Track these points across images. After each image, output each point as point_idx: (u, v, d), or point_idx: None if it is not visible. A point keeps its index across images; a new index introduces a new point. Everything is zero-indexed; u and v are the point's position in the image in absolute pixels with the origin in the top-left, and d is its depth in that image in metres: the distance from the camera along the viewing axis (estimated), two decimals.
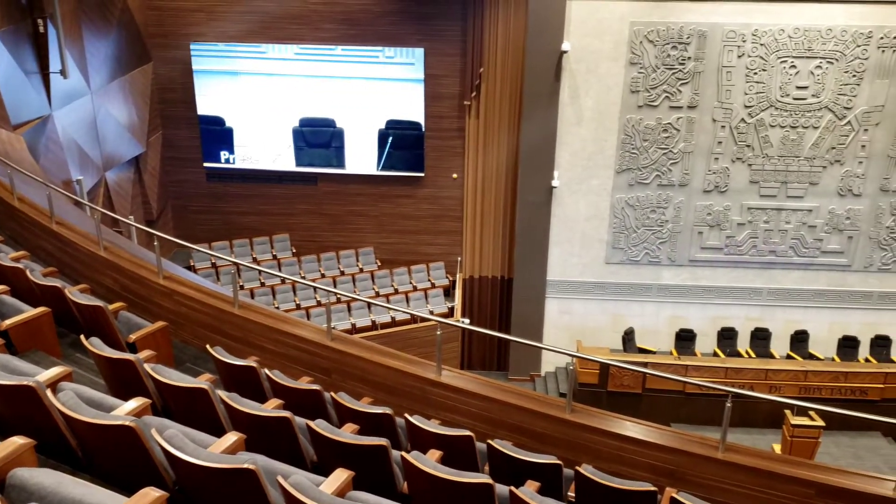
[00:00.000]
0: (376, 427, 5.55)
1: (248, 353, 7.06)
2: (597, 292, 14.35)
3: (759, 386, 12.63)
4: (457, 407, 6.48)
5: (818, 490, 5.87)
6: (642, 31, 12.60)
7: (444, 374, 6.62)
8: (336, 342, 6.94)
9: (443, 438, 5.35)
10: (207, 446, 4.00)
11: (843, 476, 6.12)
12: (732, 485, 5.98)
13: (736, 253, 13.88)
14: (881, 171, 13.22)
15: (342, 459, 4.57)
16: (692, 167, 13.39)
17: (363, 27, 13.63)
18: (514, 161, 13.99)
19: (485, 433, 6.21)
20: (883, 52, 12.51)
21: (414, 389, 6.66)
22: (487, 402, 6.39)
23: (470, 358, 15.29)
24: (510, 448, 5.32)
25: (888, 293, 13.97)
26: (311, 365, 7.00)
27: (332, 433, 4.68)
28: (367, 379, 6.80)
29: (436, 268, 14.96)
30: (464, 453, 5.38)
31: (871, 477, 6.25)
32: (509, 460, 5.24)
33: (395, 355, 6.93)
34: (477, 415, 6.45)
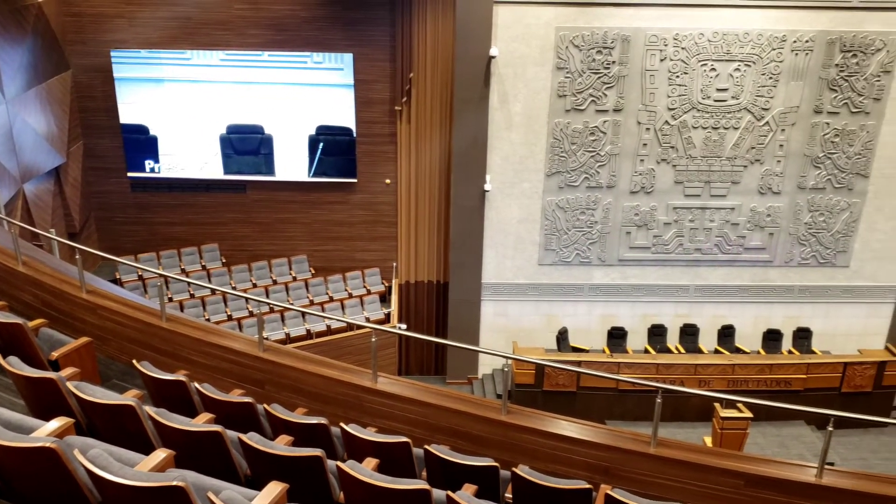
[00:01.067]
0: (311, 437, 5.49)
1: (177, 367, 6.89)
2: (531, 293, 14.51)
3: (689, 381, 12.99)
4: (393, 413, 6.47)
5: (746, 480, 6.06)
6: (568, 36, 12.82)
7: (379, 380, 6.60)
8: (268, 353, 6.84)
9: (379, 446, 5.32)
10: (135, 465, 3.88)
11: (769, 465, 6.34)
12: (665, 479, 6.13)
13: (663, 252, 14.24)
14: (798, 170, 13.76)
15: (276, 472, 4.50)
16: (619, 169, 13.68)
17: (290, 33, 13.49)
18: (446, 165, 14.05)
19: (422, 439, 6.20)
20: (796, 54, 13.03)
21: (349, 398, 6.61)
22: (424, 408, 6.39)
23: (408, 363, 15.27)
24: (447, 452, 5.33)
25: (808, 287, 14.54)
26: (244, 377, 6.88)
27: (265, 446, 4.60)
28: (302, 389, 6.72)
29: (371, 274, 14.89)
30: (401, 460, 5.36)
31: (794, 465, 6.50)
32: (446, 465, 5.24)
33: (329, 364, 6.87)
34: (414, 420, 6.45)
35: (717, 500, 5.97)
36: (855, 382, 13.30)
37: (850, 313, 14.72)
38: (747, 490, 6.05)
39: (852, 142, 13.56)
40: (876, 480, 6.29)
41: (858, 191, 13.90)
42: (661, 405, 6.21)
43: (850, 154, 13.64)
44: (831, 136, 13.51)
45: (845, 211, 14.02)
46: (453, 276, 14.30)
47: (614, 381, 12.84)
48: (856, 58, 13.05)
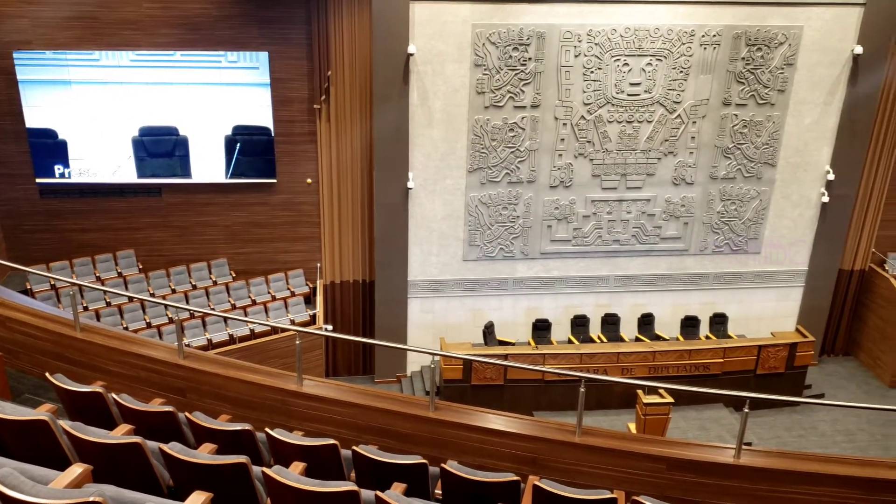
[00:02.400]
0: (236, 444, 5.37)
1: (93, 378, 6.65)
2: (456, 289, 14.59)
3: (612, 369, 13.30)
4: (320, 416, 6.41)
5: (668, 464, 6.25)
6: (484, 33, 12.92)
7: (305, 383, 6.52)
8: (189, 360, 6.67)
9: (306, 449, 5.25)
10: (49, 482, 3.72)
11: (689, 448, 6.56)
12: (591, 467, 6.26)
13: (583, 244, 14.53)
14: (710, 161, 14.24)
15: (200, 481, 4.38)
16: (539, 164, 13.88)
17: (203, 32, 13.15)
18: (368, 164, 13.97)
19: (350, 440, 6.16)
20: (705, 49, 13.48)
21: (275, 402, 6.51)
22: (351, 409, 6.35)
23: (335, 364, 15.14)
24: (375, 452, 5.30)
25: (722, 273, 15.08)
26: (164, 385, 6.69)
27: (188, 455, 4.48)
28: (225, 395, 6.58)
29: (295, 276, 14.68)
30: (329, 462, 5.31)
31: (713, 447, 6.75)
32: (375, 464, 5.22)
33: (253, 369, 6.76)
34: (341, 422, 6.40)
35: (640, 484, 6.14)
36: (769, 364, 13.88)
37: (762, 298, 15.34)
38: (669, 473, 6.24)
39: (760, 132, 14.12)
40: (789, 458, 6.60)
41: (767, 179, 14.50)
42: (585, 394, 6.34)
43: (758, 144, 14.21)
44: (740, 128, 14.04)
45: (755, 199, 14.60)
46: (379, 274, 14.25)
47: (540, 373, 13.06)
48: (760, 51, 13.59)
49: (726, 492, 6.13)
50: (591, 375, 6.64)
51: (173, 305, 7.70)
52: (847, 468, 6.19)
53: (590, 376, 6.54)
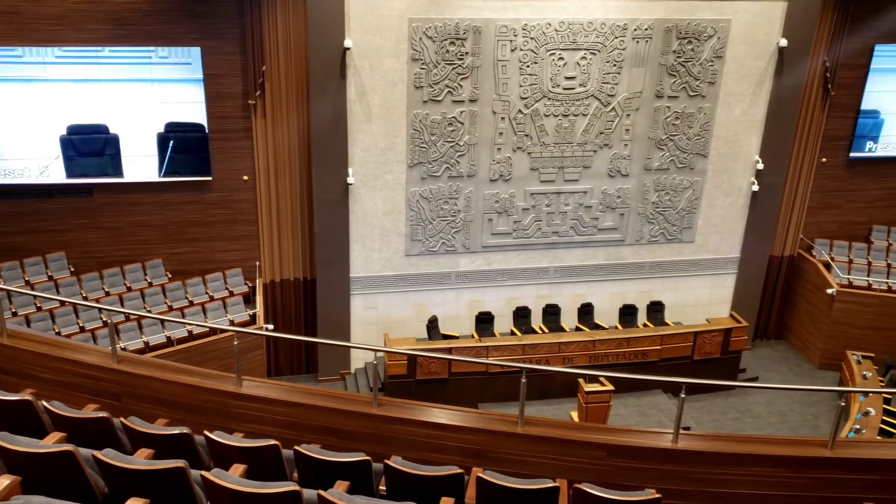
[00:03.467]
0: (174, 449, 5.26)
1: (22, 385, 6.43)
2: (399, 285, 14.56)
3: (553, 359, 13.48)
4: (261, 417, 6.32)
5: (609, 451, 6.36)
6: (421, 27, 12.90)
7: (245, 384, 6.42)
8: (123, 364, 6.50)
9: (247, 451, 5.18)
10: None
11: (629, 435, 6.69)
12: (533, 456, 6.33)
13: (523, 236, 14.66)
14: (644, 153, 14.52)
15: (136, 488, 4.29)
16: (478, 158, 13.94)
17: (132, 27, 12.77)
18: (306, 160, 13.81)
19: (292, 439, 6.09)
20: (637, 42, 13.72)
21: (214, 404, 6.40)
22: (292, 408, 6.29)
23: (277, 364, 14.95)
24: (317, 451, 5.26)
25: (658, 262, 15.42)
26: (98, 391, 6.51)
27: (123, 461, 4.37)
28: (162, 399, 6.44)
29: (233, 275, 14.42)
30: (270, 463, 5.25)
31: (652, 432, 6.89)
32: (317, 464, 5.18)
33: (191, 371, 6.63)
34: (283, 422, 6.33)
35: (582, 472, 6.23)
36: (705, 350, 14.26)
37: (697, 285, 15.74)
38: (610, 460, 6.35)
39: (691, 124, 14.46)
40: (725, 440, 6.79)
41: (699, 170, 14.86)
42: (528, 385, 6.41)
43: (690, 135, 14.55)
44: (672, 119, 14.36)
45: (688, 189, 14.95)
46: (320, 271, 14.12)
47: (484, 365, 13.16)
48: (691, 44, 13.91)
49: (665, 476, 6.27)
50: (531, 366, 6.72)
51: (106, 308, 7.47)
52: (779, 448, 6.40)
53: (530, 367, 6.61)
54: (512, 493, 5.08)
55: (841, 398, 6.74)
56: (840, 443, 6.44)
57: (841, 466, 6.27)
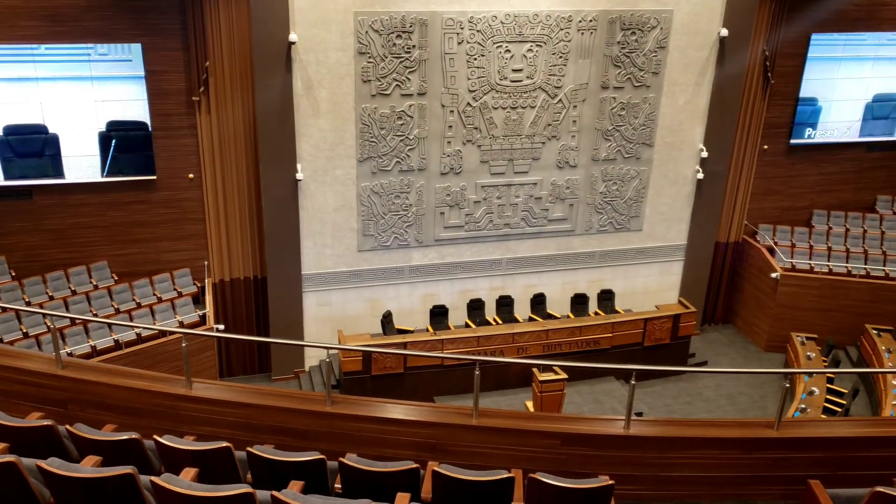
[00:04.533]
0: (122, 455, 5.15)
1: None
2: (353, 280, 14.48)
3: (508, 349, 13.57)
4: (213, 419, 6.23)
5: (563, 439, 6.43)
6: (367, 20, 12.81)
7: (195, 386, 6.32)
8: (69, 370, 6.34)
9: (198, 454, 5.09)
10: None
11: (581, 423, 6.77)
12: (488, 448, 6.36)
13: (475, 229, 14.71)
14: (591, 143, 14.68)
15: (83, 496, 4.19)
16: (428, 152, 13.93)
17: (70, 23, 12.40)
18: (254, 157, 13.63)
19: (245, 440, 6.00)
20: (582, 34, 13.85)
21: (164, 408, 6.28)
22: (245, 409, 6.21)
23: (229, 364, 14.74)
24: (271, 452, 5.20)
25: (607, 251, 15.62)
26: (42, 398, 6.34)
27: (68, 470, 4.25)
28: (110, 404, 6.30)
29: (181, 275, 14.16)
30: (223, 466, 5.17)
31: (605, 419, 7.00)
32: (271, 464, 5.12)
33: (139, 375, 6.50)
34: (236, 423, 6.25)
35: (537, 461, 6.29)
36: (655, 336, 14.52)
37: (645, 273, 16.01)
38: (564, 448, 6.42)
39: (637, 114, 14.66)
40: (675, 425, 6.93)
41: (645, 159, 15.09)
42: (483, 376, 6.44)
43: (636, 126, 14.76)
44: (618, 110, 14.54)
45: (635, 179, 15.17)
46: (271, 270, 13.96)
47: (439, 359, 13.18)
48: (634, 35, 14.09)
49: (618, 462, 6.37)
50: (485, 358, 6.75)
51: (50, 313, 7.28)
52: (727, 430, 6.55)
53: (484, 359, 6.65)
54: (468, 486, 5.10)
55: (786, 379, 6.92)
56: (786, 423, 6.62)
57: (787, 446, 6.45)
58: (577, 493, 5.08)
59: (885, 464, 6.40)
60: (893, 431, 6.61)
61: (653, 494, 6.49)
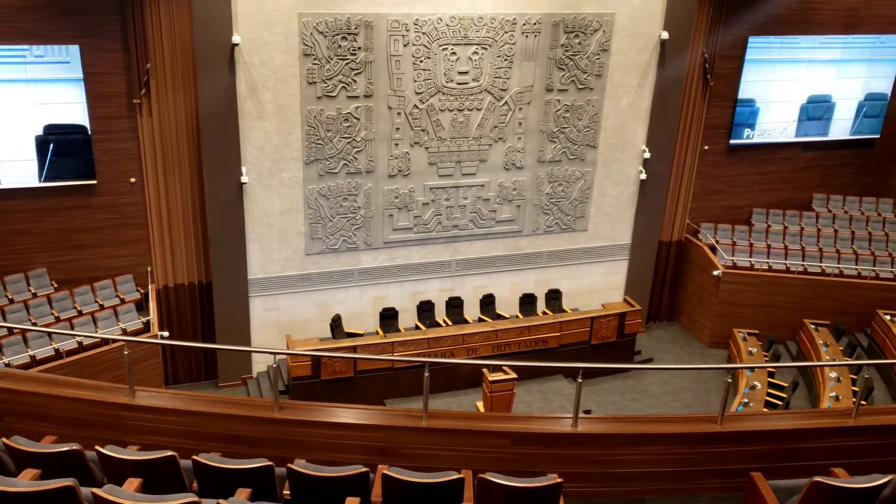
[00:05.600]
0: (63, 467, 5.01)
1: None
2: (301, 284, 14.34)
3: (458, 350, 13.60)
4: (157, 428, 6.11)
5: (512, 439, 6.47)
6: (311, 22, 12.72)
7: (138, 395, 6.19)
8: (5, 380, 6.15)
9: (142, 464, 4.99)
10: None
11: (531, 422, 6.84)
12: (438, 449, 6.37)
13: (424, 231, 14.72)
14: (537, 145, 14.83)
15: None
16: (376, 154, 13.89)
17: (2, 24, 12.01)
18: (197, 160, 13.40)
19: (191, 449, 5.89)
20: (527, 37, 13.98)
21: (106, 418, 6.14)
22: (190, 417, 6.10)
23: (175, 372, 14.47)
24: (217, 460, 5.13)
25: (554, 251, 15.80)
26: None
27: (5, 484, 4.13)
28: (49, 415, 6.12)
29: (124, 281, 13.85)
30: (167, 475, 5.08)
31: (553, 418, 7.07)
32: (217, 472, 5.05)
33: (79, 384, 6.33)
34: (181, 432, 6.14)
35: (487, 461, 6.32)
36: (602, 334, 14.73)
37: (592, 272, 16.23)
38: (514, 448, 6.47)
39: (581, 116, 14.87)
40: (621, 422, 7.05)
41: (589, 160, 15.31)
42: (433, 378, 6.45)
43: (580, 127, 14.96)
44: (563, 112, 14.72)
45: (580, 180, 15.38)
46: (216, 275, 13.74)
47: (390, 361, 13.16)
48: (578, 38, 14.29)
49: (566, 460, 6.45)
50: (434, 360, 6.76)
51: None
52: (672, 426, 6.69)
53: (433, 360, 6.66)
54: (418, 488, 5.11)
55: (728, 375, 7.10)
56: (729, 417, 6.79)
57: (730, 440, 6.62)
58: (526, 492, 5.13)
59: (823, 454, 6.62)
60: (831, 423, 6.83)
61: (601, 491, 6.59)
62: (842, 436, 6.71)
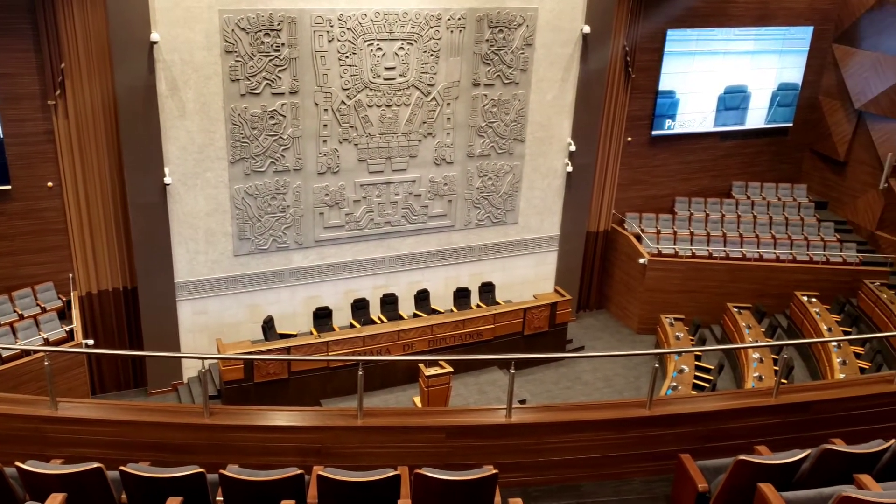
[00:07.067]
0: None
1: None
2: (230, 286, 14.08)
3: (394, 347, 13.59)
4: (82, 440, 5.92)
5: (447, 432, 6.51)
6: (232, 19, 12.47)
7: (61, 406, 5.99)
8: None
9: (66, 478, 4.83)
10: None
11: (465, 415, 6.90)
12: (374, 447, 6.37)
13: (356, 228, 14.64)
14: (466, 140, 14.91)
15: None
16: (304, 151, 13.73)
17: None
18: (118, 162, 12.99)
19: (119, 459, 5.73)
20: (452, 32, 14.02)
21: (27, 431, 5.92)
22: (117, 426, 5.94)
23: (102, 381, 14.02)
24: (146, 469, 5.00)
25: (487, 245, 15.93)
26: None
27: None
28: None
29: (44, 289, 13.32)
30: (94, 488, 4.93)
31: (487, 409, 7.13)
32: (146, 482, 4.93)
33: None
34: (107, 442, 5.97)
35: (423, 456, 6.34)
36: (534, 325, 14.94)
37: (523, 264, 16.43)
38: (449, 441, 6.52)
39: (508, 110, 15.01)
40: (553, 410, 7.17)
41: (518, 154, 15.48)
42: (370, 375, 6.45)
43: (508, 122, 15.11)
44: (490, 107, 14.84)
45: (509, 174, 15.54)
46: (142, 279, 13.36)
47: (324, 361, 13.05)
48: (502, 33, 14.41)
49: (501, 450, 6.52)
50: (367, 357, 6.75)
51: None
52: (602, 412, 6.84)
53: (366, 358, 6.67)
54: (354, 487, 5.10)
55: (655, 360, 7.30)
56: (657, 401, 6.98)
57: (658, 423, 6.81)
58: (462, 485, 5.18)
59: (747, 433, 6.88)
60: (754, 402, 7.09)
61: (536, 480, 6.69)
62: (764, 414, 6.99)
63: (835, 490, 4.82)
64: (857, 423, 7.05)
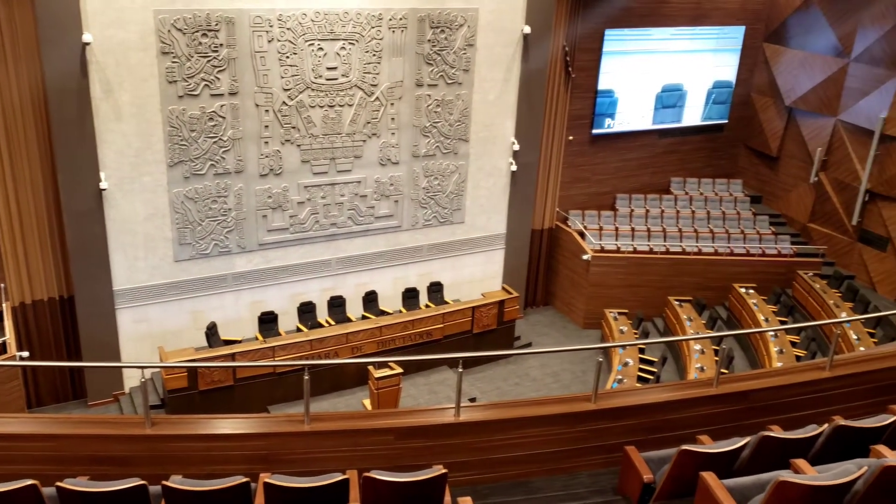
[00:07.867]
0: None
1: None
2: (172, 293, 13.78)
3: (342, 350, 13.47)
4: (14, 455, 5.71)
5: (396, 434, 6.49)
6: (168, 19, 12.20)
7: None
8: None
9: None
10: None
11: (413, 415, 6.88)
12: (323, 452, 6.31)
13: (301, 231, 14.48)
14: (411, 140, 14.89)
15: None
16: (245, 153, 13.52)
17: None
18: (50, 168, 12.57)
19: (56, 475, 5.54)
20: (393, 32, 13.98)
21: None
22: (52, 440, 5.75)
23: (38, 394, 13.55)
24: (84, 484, 4.86)
25: (434, 244, 15.93)
26: None
27: None
28: None
29: None
30: None
31: (436, 409, 7.14)
32: (85, 497, 4.79)
33: None
34: (42, 458, 5.77)
35: (372, 459, 6.31)
36: (483, 323, 15.00)
37: (471, 262, 16.50)
38: (398, 443, 6.50)
39: (452, 110, 15.05)
40: (502, 407, 7.20)
41: (462, 154, 15.52)
42: (319, 379, 6.38)
43: (452, 122, 15.14)
44: (434, 107, 14.84)
45: (454, 173, 15.57)
46: (78, 288, 12.96)
47: (270, 367, 12.86)
48: (444, 33, 14.43)
49: (451, 450, 6.53)
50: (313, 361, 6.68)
51: None
52: (549, 408, 6.91)
53: (312, 362, 6.59)
54: (301, 493, 5.04)
55: (599, 354, 7.40)
56: (602, 395, 7.08)
57: (604, 416, 6.92)
58: (411, 486, 5.17)
59: (689, 423, 7.03)
60: (696, 393, 7.26)
61: (486, 478, 6.71)
62: (705, 404, 7.15)
63: (772, 475, 4.96)
64: (793, 409, 7.27)
